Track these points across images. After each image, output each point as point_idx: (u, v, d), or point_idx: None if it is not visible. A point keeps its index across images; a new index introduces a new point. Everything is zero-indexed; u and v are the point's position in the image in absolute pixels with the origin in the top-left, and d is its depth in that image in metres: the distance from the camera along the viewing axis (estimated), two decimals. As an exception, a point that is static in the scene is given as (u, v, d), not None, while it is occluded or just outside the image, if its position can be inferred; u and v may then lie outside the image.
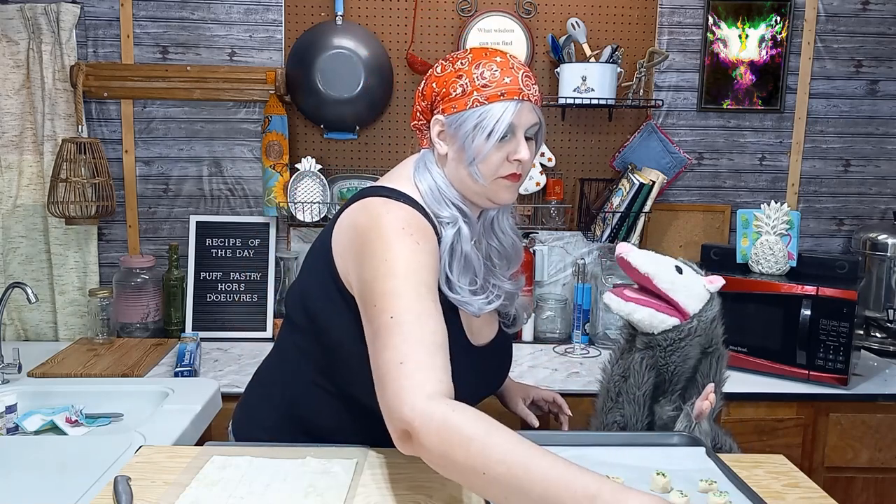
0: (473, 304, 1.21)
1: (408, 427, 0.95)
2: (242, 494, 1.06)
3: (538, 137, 1.26)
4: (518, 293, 1.39)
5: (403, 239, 1.11)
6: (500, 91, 1.17)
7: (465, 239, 1.21)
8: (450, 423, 0.92)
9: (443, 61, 1.24)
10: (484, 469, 0.90)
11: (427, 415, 0.94)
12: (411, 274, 1.08)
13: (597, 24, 2.47)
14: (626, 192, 2.41)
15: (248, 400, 1.42)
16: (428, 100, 1.25)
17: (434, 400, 0.95)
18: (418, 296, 1.06)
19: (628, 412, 1.38)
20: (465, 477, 0.93)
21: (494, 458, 0.89)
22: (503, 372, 1.47)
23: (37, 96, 2.33)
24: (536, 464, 0.89)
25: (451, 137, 1.21)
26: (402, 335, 1.02)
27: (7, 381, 1.93)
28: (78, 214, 2.29)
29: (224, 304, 2.46)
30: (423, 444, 0.94)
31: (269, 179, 2.39)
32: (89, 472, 1.34)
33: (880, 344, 2.41)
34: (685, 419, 1.31)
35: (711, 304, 1.36)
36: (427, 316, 1.05)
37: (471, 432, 0.92)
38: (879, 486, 2.10)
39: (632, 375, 1.36)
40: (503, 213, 1.35)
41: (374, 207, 1.17)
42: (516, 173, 1.21)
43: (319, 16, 2.44)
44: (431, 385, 0.97)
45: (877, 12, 2.54)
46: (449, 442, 0.92)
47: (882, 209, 2.64)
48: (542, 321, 2.50)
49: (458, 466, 0.92)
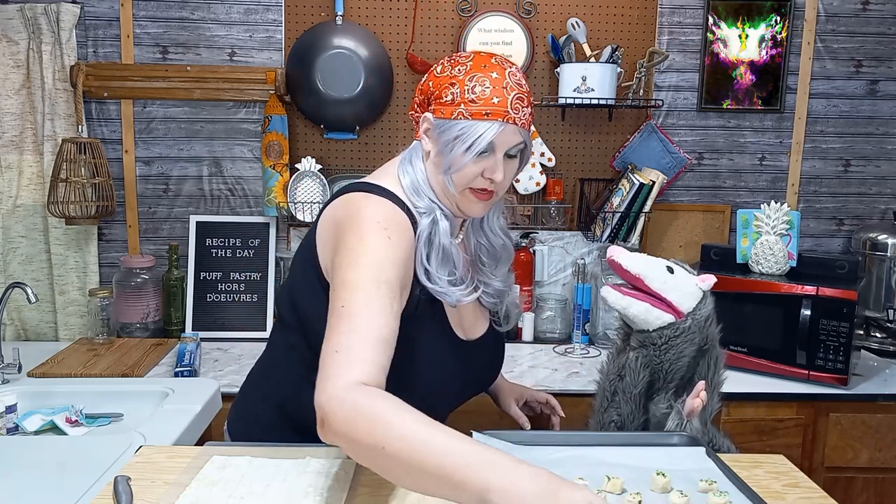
0: (451, 295, 1.22)
1: (322, 413, 0.97)
2: (242, 494, 1.06)
3: (522, 156, 1.27)
4: (508, 291, 1.40)
5: (376, 232, 1.12)
6: (486, 111, 1.17)
7: (443, 232, 1.21)
8: (358, 406, 0.94)
9: (445, 61, 1.25)
10: (384, 444, 0.91)
11: (339, 401, 0.96)
12: (373, 268, 1.09)
13: (597, 24, 2.47)
14: (626, 192, 2.41)
15: (241, 398, 1.44)
16: (424, 95, 1.26)
17: (350, 388, 0.97)
18: (375, 289, 1.07)
19: (625, 411, 1.38)
20: (368, 456, 0.95)
21: (395, 434, 0.91)
22: (494, 369, 1.47)
23: (37, 96, 2.33)
24: (435, 437, 0.91)
25: (434, 139, 1.22)
26: (348, 326, 1.04)
27: (7, 381, 1.93)
28: (78, 214, 2.29)
29: (224, 304, 2.46)
30: (334, 430, 0.96)
31: (269, 179, 2.39)
32: (89, 472, 1.34)
33: (880, 344, 2.41)
34: (676, 417, 1.32)
35: (705, 302, 1.37)
36: (377, 311, 1.06)
37: (377, 413, 0.93)
38: (879, 486, 2.10)
39: (627, 374, 1.37)
40: (494, 213, 1.36)
41: (354, 201, 1.18)
42: (488, 190, 1.22)
43: (319, 16, 2.44)
44: (355, 376, 0.99)
45: (877, 12, 2.54)
46: (355, 424, 0.93)
47: (882, 209, 2.64)
48: (542, 321, 2.50)
49: (362, 447, 0.94)
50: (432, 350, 1.23)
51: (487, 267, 1.36)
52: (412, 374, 1.20)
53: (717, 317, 1.40)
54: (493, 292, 1.36)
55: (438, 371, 1.24)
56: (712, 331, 1.38)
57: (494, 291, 1.36)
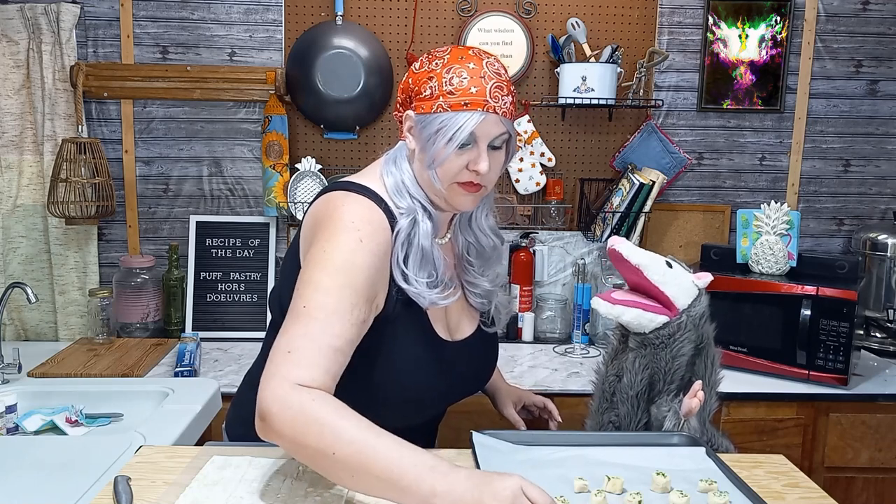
0: (426, 297, 1.21)
1: (265, 412, 0.99)
2: (242, 494, 1.06)
3: (508, 147, 1.25)
4: (497, 292, 1.39)
5: (348, 234, 1.12)
6: (464, 101, 1.16)
7: (423, 234, 1.21)
8: (306, 410, 0.97)
9: (423, 57, 1.24)
10: (334, 449, 0.96)
11: (286, 403, 0.98)
12: (341, 272, 1.09)
13: (597, 24, 2.47)
14: (626, 192, 2.41)
15: (238, 398, 1.45)
16: (406, 93, 1.25)
17: (295, 390, 0.99)
18: (339, 295, 1.08)
19: (622, 412, 1.38)
20: (315, 460, 0.99)
21: (344, 439, 0.96)
22: (484, 370, 1.45)
23: (37, 96, 2.33)
24: (382, 443, 0.97)
25: (417, 135, 1.21)
26: (304, 327, 1.05)
27: (7, 381, 1.93)
28: (78, 214, 2.29)
29: (224, 304, 2.46)
30: (276, 430, 0.99)
31: (269, 179, 2.39)
32: (89, 472, 1.35)
33: (880, 344, 2.41)
34: (673, 417, 1.32)
35: (700, 299, 1.37)
36: (337, 317, 1.07)
37: (325, 418, 0.97)
38: (879, 486, 2.10)
39: (626, 375, 1.37)
40: (482, 212, 1.35)
41: (333, 200, 1.19)
42: (474, 182, 1.21)
43: (319, 16, 2.44)
44: (302, 379, 1.01)
45: (877, 12, 2.54)
46: (304, 427, 0.97)
47: (882, 209, 2.64)
48: (542, 321, 2.50)
49: (310, 450, 0.98)
50: (411, 351, 1.22)
51: (475, 267, 1.35)
52: (391, 375, 1.20)
53: (715, 316, 1.40)
54: (482, 293, 1.35)
55: (418, 372, 1.23)
56: (707, 329, 1.39)
57: (483, 292, 1.35)
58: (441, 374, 1.27)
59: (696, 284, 1.36)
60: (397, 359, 1.21)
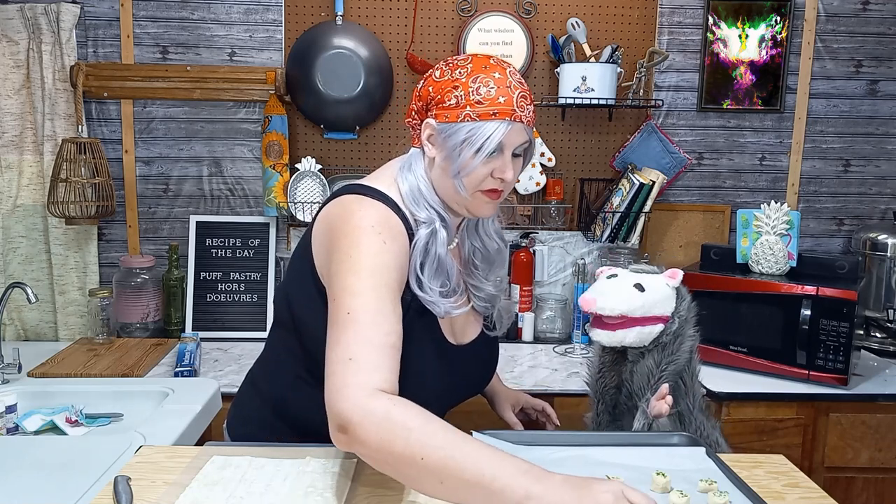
0: (441, 307, 1.21)
1: (346, 423, 0.97)
2: (242, 494, 1.06)
3: (526, 154, 1.27)
4: (500, 296, 1.39)
5: (371, 237, 1.12)
6: (493, 110, 1.17)
7: (440, 242, 1.21)
8: (391, 416, 0.96)
9: (443, 65, 1.24)
10: (422, 455, 0.94)
11: (368, 411, 0.96)
12: (374, 273, 1.09)
13: (597, 24, 2.47)
14: (626, 192, 2.41)
15: (240, 398, 1.44)
16: (423, 101, 1.24)
17: (375, 397, 0.98)
18: (377, 295, 1.07)
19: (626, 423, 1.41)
20: (401, 467, 0.97)
21: (433, 443, 0.94)
22: (486, 373, 1.46)
23: (37, 96, 2.33)
24: (472, 447, 0.95)
25: (440, 144, 1.21)
26: (355, 333, 1.04)
27: (7, 381, 1.93)
28: (78, 214, 2.29)
29: (224, 304, 2.46)
30: (360, 440, 0.96)
31: (269, 179, 2.39)
32: (89, 472, 1.35)
33: (880, 344, 2.41)
34: (642, 416, 1.34)
35: (682, 297, 1.40)
36: (383, 316, 1.06)
37: (411, 423, 0.96)
38: (879, 486, 2.10)
39: (625, 387, 1.40)
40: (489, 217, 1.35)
41: (349, 204, 1.18)
42: (498, 189, 1.22)
43: (319, 16, 2.44)
44: (375, 384, 1.00)
45: (877, 12, 2.54)
46: (389, 434, 0.95)
47: (882, 209, 2.64)
48: (542, 321, 2.50)
49: (396, 456, 0.95)
50: (421, 356, 1.22)
51: (480, 271, 1.35)
52: (401, 380, 1.20)
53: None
54: (486, 297, 1.36)
55: (427, 377, 1.23)
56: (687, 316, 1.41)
57: (487, 296, 1.36)
58: (447, 377, 1.28)
59: (671, 286, 1.39)
60: (407, 364, 1.20)
